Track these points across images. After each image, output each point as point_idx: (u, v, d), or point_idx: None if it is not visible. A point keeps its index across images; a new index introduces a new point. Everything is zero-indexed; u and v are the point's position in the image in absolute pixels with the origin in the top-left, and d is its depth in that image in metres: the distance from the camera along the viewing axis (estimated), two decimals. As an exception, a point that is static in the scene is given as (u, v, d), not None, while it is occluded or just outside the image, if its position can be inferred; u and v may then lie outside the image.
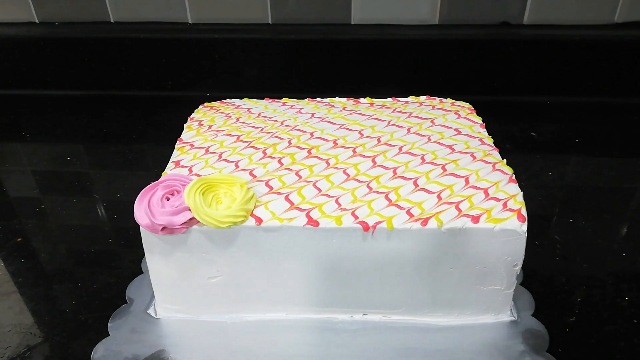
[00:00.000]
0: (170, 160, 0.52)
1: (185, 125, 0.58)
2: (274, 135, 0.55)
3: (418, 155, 0.51)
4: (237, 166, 0.50)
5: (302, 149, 0.52)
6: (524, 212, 0.43)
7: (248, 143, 0.54)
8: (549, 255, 0.58)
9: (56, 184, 0.74)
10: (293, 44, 0.92)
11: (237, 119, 0.59)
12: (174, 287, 0.48)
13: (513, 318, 0.48)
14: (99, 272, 0.57)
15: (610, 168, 0.74)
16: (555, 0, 0.86)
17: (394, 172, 0.48)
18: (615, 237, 0.61)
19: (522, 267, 0.45)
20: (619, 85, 0.91)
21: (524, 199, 0.44)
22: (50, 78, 0.99)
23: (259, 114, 0.60)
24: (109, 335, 0.48)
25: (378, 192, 0.46)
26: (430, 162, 0.49)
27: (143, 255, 0.46)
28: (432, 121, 0.57)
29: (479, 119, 0.58)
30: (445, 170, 0.48)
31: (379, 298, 0.47)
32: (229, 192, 0.44)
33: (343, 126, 0.56)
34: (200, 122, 0.59)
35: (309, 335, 0.47)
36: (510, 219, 0.42)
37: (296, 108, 0.61)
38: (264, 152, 0.52)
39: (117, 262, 0.58)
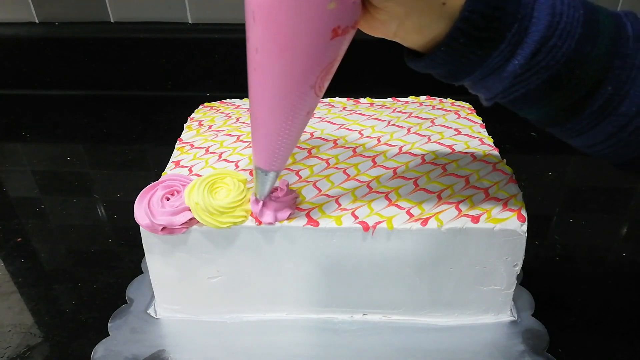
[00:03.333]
0: (170, 160, 0.52)
1: (185, 125, 0.58)
2: (274, 135, 0.55)
3: (418, 155, 0.51)
4: (237, 166, 0.50)
5: (303, 149, 0.52)
6: (524, 212, 0.43)
7: (248, 143, 0.54)
8: (549, 255, 0.58)
9: (56, 184, 0.74)
10: (293, 44, 0.92)
11: (237, 119, 0.59)
12: (174, 287, 0.48)
13: (513, 318, 0.48)
14: (99, 272, 0.57)
15: (610, 168, 0.74)
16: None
17: (394, 172, 0.48)
18: (615, 237, 0.61)
19: (522, 267, 0.45)
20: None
21: (524, 199, 0.44)
22: (50, 78, 0.99)
23: (259, 114, 0.60)
24: (109, 335, 0.48)
25: (378, 192, 0.46)
26: (430, 162, 0.49)
27: (143, 255, 0.46)
28: (432, 121, 0.57)
29: (479, 119, 0.58)
30: (445, 170, 0.48)
31: (379, 298, 0.47)
32: (227, 187, 0.44)
33: (343, 126, 0.56)
34: (200, 122, 0.59)
35: (309, 335, 0.47)
36: (510, 219, 0.42)
37: (296, 108, 0.61)
38: (264, 152, 0.52)
39: (117, 262, 0.58)
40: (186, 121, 0.59)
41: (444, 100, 0.62)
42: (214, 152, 0.52)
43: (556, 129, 0.35)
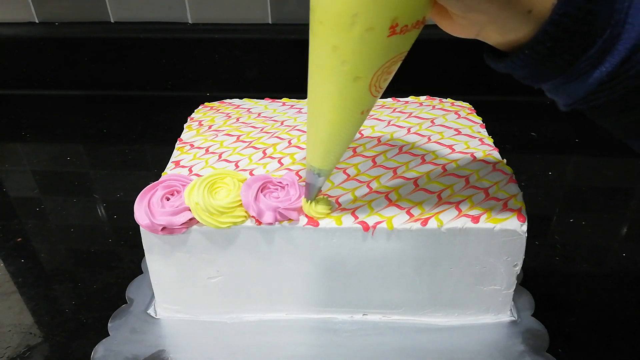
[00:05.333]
0: (170, 160, 0.52)
1: (185, 125, 0.58)
2: (274, 135, 0.55)
3: (418, 155, 0.51)
4: (237, 166, 0.50)
5: (302, 149, 0.52)
6: (524, 212, 0.43)
7: (248, 143, 0.54)
8: (549, 255, 0.58)
9: (56, 184, 0.74)
10: (293, 44, 0.92)
11: (237, 119, 0.59)
12: (174, 287, 0.48)
13: (513, 318, 0.48)
14: (99, 272, 0.57)
15: (610, 168, 0.74)
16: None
17: (394, 172, 0.48)
18: (615, 237, 0.61)
19: (522, 267, 0.45)
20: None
21: (524, 199, 0.44)
22: (50, 78, 0.99)
23: (259, 114, 0.60)
24: (109, 335, 0.48)
25: (378, 192, 0.46)
26: (430, 162, 0.49)
27: (143, 255, 0.46)
28: (432, 121, 0.57)
29: (479, 119, 0.58)
30: (445, 170, 0.48)
31: (379, 298, 0.47)
32: (227, 187, 0.44)
33: (343, 126, 0.56)
34: (200, 122, 0.59)
35: (309, 335, 0.47)
36: (510, 219, 0.42)
37: (296, 108, 0.61)
38: (264, 152, 0.52)
39: (117, 262, 0.58)
40: (186, 121, 0.59)
41: (444, 100, 0.62)
42: (214, 152, 0.52)
43: (637, 142, 0.33)
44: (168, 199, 0.44)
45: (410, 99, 0.63)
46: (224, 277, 0.47)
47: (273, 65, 0.95)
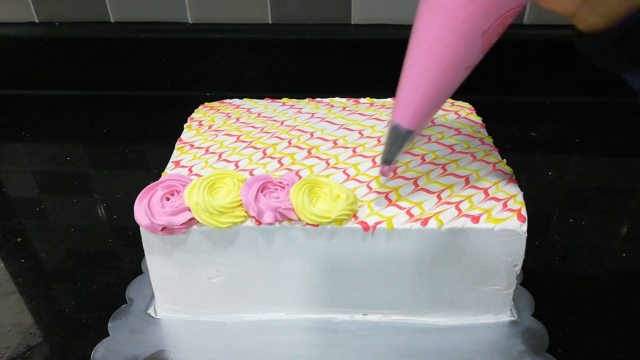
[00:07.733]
0: (170, 160, 0.52)
1: (185, 125, 0.58)
2: (274, 135, 0.55)
3: (418, 155, 0.51)
4: (237, 166, 0.50)
5: (302, 149, 0.52)
6: (524, 212, 0.43)
7: (248, 143, 0.54)
8: (549, 255, 0.58)
9: (56, 184, 0.74)
10: (293, 44, 0.92)
11: (237, 119, 0.59)
12: (174, 287, 0.48)
13: (513, 318, 0.48)
14: (99, 272, 0.57)
15: (610, 168, 0.74)
16: (555, 0, 0.86)
17: (394, 172, 0.48)
18: (615, 237, 0.61)
19: (522, 267, 0.45)
20: (619, 85, 0.91)
21: (524, 199, 0.44)
22: (50, 78, 0.99)
23: (259, 114, 0.60)
24: (109, 335, 0.48)
25: (378, 192, 0.46)
26: (430, 162, 0.49)
27: (143, 255, 0.46)
28: (432, 121, 0.57)
29: (479, 119, 0.58)
30: (445, 170, 0.48)
31: (379, 298, 0.47)
32: (227, 187, 0.44)
33: (343, 126, 0.56)
34: (200, 122, 0.59)
35: (309, 335, 0.47)
36: (510, 219, 0.42)
37: (296, 108, 0.61)
38: (264, 152, 0.52)
39: (117, 262, 0.58)
40: (186, 121, 0.59)
41: (444, 100, 0.62)
42: (214, 152, 0.52)
43: None
44: (168, 199, 0.44)
45: (410, 99, 0.63)
46: (224, 277, 0.47)
47: (273, 65, 0.95)
